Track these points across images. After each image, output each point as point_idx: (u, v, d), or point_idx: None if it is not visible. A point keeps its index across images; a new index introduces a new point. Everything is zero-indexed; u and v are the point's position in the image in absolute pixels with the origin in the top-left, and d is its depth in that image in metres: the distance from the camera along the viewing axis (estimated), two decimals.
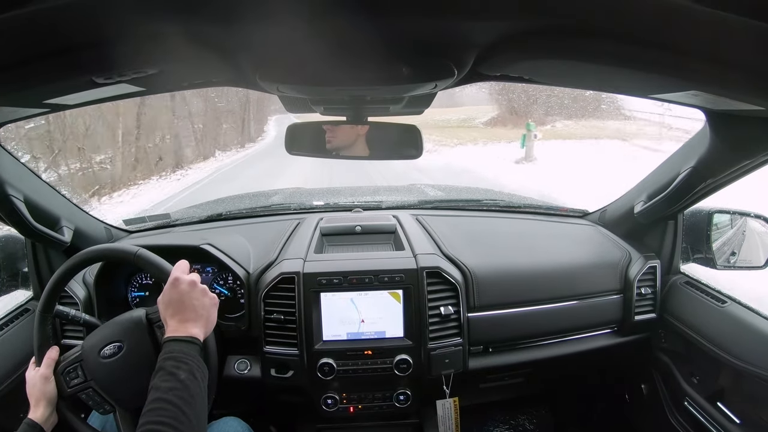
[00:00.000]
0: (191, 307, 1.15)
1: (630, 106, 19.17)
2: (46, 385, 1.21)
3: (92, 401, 1.25)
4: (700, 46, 0.69)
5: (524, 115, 21.49)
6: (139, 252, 1.26)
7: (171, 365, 1.03)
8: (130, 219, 2.17)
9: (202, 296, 1.18)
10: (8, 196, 1.41)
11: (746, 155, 1.27)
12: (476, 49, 0.88)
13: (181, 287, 1.15)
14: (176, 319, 1.13)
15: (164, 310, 1.15)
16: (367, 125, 1.34)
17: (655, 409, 1.86)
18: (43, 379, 1.21)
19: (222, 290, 1.75)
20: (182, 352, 1.06)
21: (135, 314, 1.28)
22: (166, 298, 1.15)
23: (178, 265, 1.22)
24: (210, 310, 1.20)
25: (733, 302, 1.55)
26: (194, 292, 1.17)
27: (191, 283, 1.17)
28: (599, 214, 2.13)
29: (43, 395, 1.20)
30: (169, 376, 1.01)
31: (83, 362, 1.24)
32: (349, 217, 2.07)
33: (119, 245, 1.29)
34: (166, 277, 1.19)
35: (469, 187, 3.51)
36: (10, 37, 0.65)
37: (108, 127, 13.88)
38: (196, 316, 1.15)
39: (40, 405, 1.19)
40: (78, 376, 1.24)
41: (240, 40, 0.81)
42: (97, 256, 1.32)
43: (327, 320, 1.61)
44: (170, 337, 1.10)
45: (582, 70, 0.93)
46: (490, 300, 1.69)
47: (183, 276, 1.17)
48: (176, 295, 1.15)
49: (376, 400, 1.70)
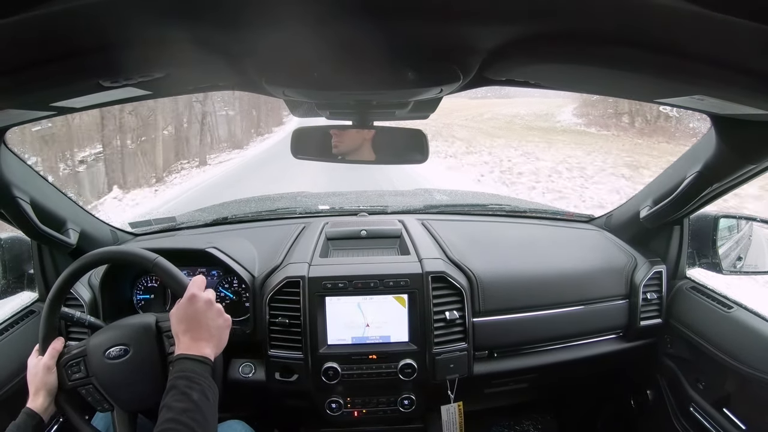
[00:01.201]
0: (205, 327, 1.15)
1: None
2: (48, 376, 1.22)
3: (92, 398, 1.25)
4: (706, 51, 0.69)
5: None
6: (158, 260, 1.25)
7: (184, 385, 1.03)
8: (136, 222, 2.18)
9: (217, 316, 1.19)
10: (15, 198, 1.42)
11: (752, 160, 1.26)
12: (482, 54, 0.88)
13: (198, 305, 1.15)
14: (189, 336, 1.13)
15: (177, 325, 1.15)
16: (374, 130, 1.34)
17: (660, 415, 1.85)
18: (46, 368, 1.22)
19: (227, 293, 1.75)
20: (195, 372, 1.06)
21: (145, 320, 1.28)
22: (180, 313, 1.15)
23: (195, 281, 1.21)
24: (223, 332, 1.20)
25: (740, 308, 1.54)
26: (210, 311, 1.17)
27: (208, 302, 1.17)
28: (605, 219, 2.12)
29: (44, 385, 1.21)
30: (183, 396, 1.01)
31: (87, 358, 1.25)
32: (354, 222, 2.07)
33: (140, 250, 1.28)
34: (183, 291, 1.19)
35: (474, 192, 3.52)
36: (18, 40, 0.65)
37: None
38: (209, 336, 1.15)
39: (40, 394, 1.20)
40: (80, 371, 1.24)
41: (246, 45, 0.82)
42: (117, 256, 1.33)
43: (332, 324, 1.61)
44: (183, 354, 1.10)
45: (588, 75, 0.93)
46: (495, 305, 1.68)
47: (200, 293, 1.17)
48: (191, 312, 1.15)
49: (381, 405, 1.70)
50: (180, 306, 1.16)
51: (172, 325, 1.16)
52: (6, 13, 0.55)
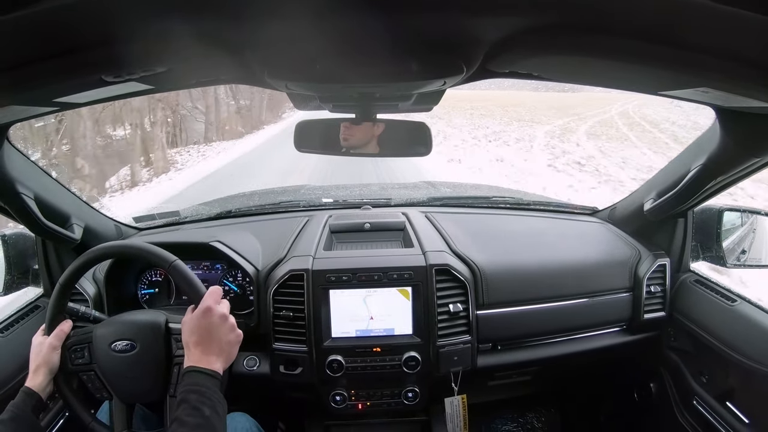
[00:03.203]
0: (217, 341, 1.15)
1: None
2: (51, 354, 1.23)
3: (92, 384, 1.27)
4: (711, 43, 0.69)
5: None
6: (176, 263, 1.25)
7: (195, 399, 1.03)
8: (140, 216, 2.18)
9: (230, 332, 1.18)
10: (19, 194, 1.42)
11: (757, 153, 1.26)
12: (486, 46, 0.88)
13: (212, 319, 1.15)
14: (200, 348, 1.12)
15: (188, 335, 1.14)
16: (383, 125, 1.34)
17: (663, 408, 1.85)
18: (51, 347, 1.23)
19: (231, 287, 1.76)
20: (206, 386, 1.07)
21: (155, 319, 1.28)
22: (193, 324, 1.15)
23: (212, 292, 1.20)
24: (233, 347, 1.20)
25: (744, 301, 1.53)
26: (224, 326, 1.17)
27: (222, 317, 1.17)
28: (609, 212, 2.12)
29: (45, 363, 1.21)
30: (194, 411, 1.01)
31: (92, 346, 1.26)
32: (358, 215, 2.07)
33: (160, 250, 1.28)
34: (197, 299, 1.19)
35: (478, 184, 3.51)
36: (20, 36, 0.65)
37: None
38: (219, 351, 1.14)
39: (40, 372, 1.21)
40: (83, 357, 1.26)
41: (248, 38, 0.81)
42: (135, 252, 1.32)
43: (336, 317, 1.61)
44: (194, 367, 1.10)
45: (591, 67, 0.93)
46: (499, 297, 1.68)
47: (216, 307, 1.17)
48: (205, 325, 1.14)
49: (385, 397, 1.71)
50: (194, 317, 1.16)
51: (183, 333, 1.16)
52: (7, 10, 0.55)
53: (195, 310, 1.17)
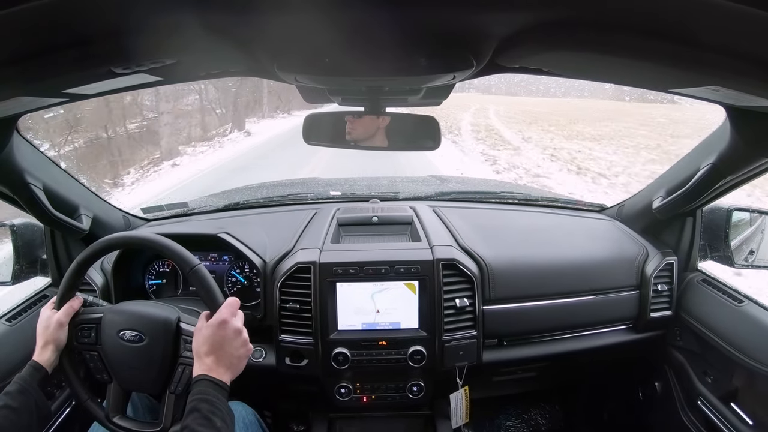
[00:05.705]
0: (228, 354, 1.15)
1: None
2: (59, 331, 1.24)
3: (94, 364, 1.27)
4: (722, 41, 0.68)
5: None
6: (198, 269, 1.24)
7: (206, 409, 1.04)
8: (148, 207, 2.19)
9: (242, 346, 1.19)
10: (28, 185, 1.43)
11: (767, 152, 1.25)
12: (496, 41, 0.87)
13: (227, 332, 1.15)
14: (211, 358, 1.13)
15: (200, 344, 1.15)
16: (388, 117, 1.33)
17: (667, 408, 1.85)
18: (58, 323, 1.24)
19: (239, 278, 1.77)
20: (216, 397, 1.07)
21: (168, 316, 1.28)
22: (207, 334, 1.15)
23: (229, 304, 1.20)
24: (242, 362, 1.20)
25: (751, 302, 1.53)
26: (237, 341, 1.17)
27: (236, 331, 1.17)
28: (617, 209, 2.11)
29: (53, 339, 1.23)
30: (205, 421, 1.02)
31: (99, 328, 1.27)
32: (365, 208, 2.08)
33: (184, 250, 1.26)
34: (215, 308, 1.19)
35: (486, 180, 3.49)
36: (30, 27, 0.65)
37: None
38: (229, 364, 1.15)
39: (48, 348, 1.22)
40: (89, 337, 1.27)
41: (258, 30, 0.81)
42: (158, 247, 1.29)
43: (342, 310, 1.62)
44: (205, 376, 1.10)
45: (602, 63, 0.92)
46: (505, 293, 1.68)
47: (231, 320, 1.17)
48: (218, 337, 1.14)
49: (390, 391, 1.71)
50: (208, 327, 1.16)
51: (195, 340, 1.16)
52: (17, 1, 0.55)
53: (210, 319, 1.17)
